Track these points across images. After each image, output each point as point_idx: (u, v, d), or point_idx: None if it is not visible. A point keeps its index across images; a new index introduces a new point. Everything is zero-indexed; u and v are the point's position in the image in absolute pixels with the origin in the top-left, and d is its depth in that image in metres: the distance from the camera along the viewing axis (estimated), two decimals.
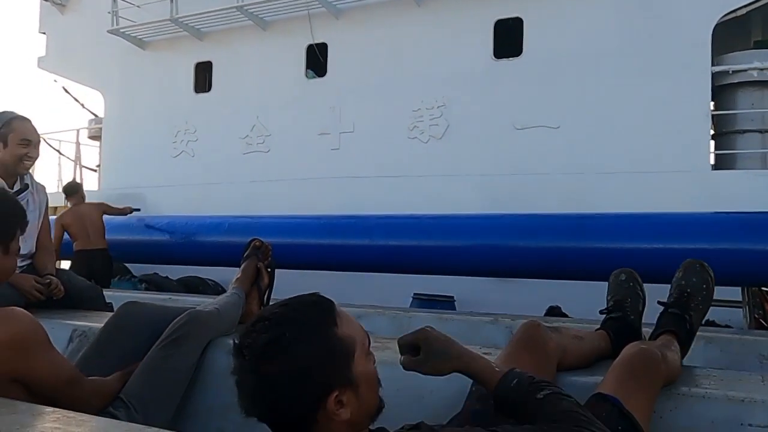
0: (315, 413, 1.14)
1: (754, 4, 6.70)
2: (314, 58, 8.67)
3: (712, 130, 7.12)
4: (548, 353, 1.64)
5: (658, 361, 1.55)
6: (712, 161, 7.00)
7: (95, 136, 11.25)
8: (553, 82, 7.26)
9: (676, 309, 1.89)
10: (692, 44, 6.71)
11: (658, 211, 5.47)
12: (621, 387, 1.47)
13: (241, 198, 8.42)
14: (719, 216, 5.26)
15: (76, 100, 12.12)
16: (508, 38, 7.62)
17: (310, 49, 8.71)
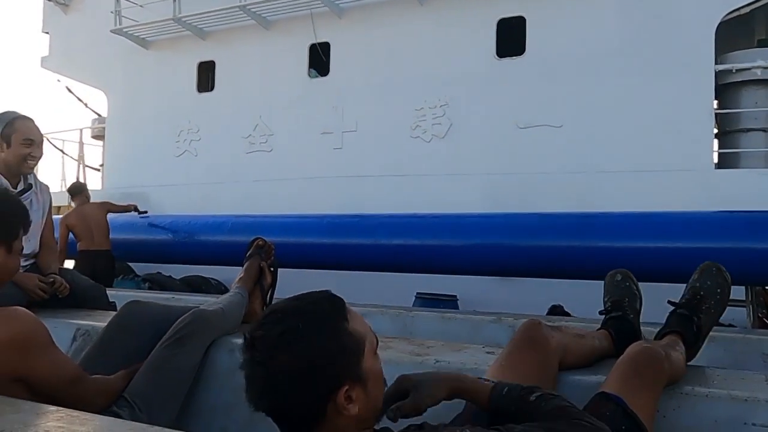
0: (325, 407, 1.14)
1: (758, 2, 6.69)
2: (317, 57, 8.68)
3: (715, 129, 7.11)
4: (549, 352, 1.64)
5: (662, 360, 1.55)
6: (715, 160, 6.99)
7: (98, 135, 11.28)
8: (556, 81, 7.26)
9: (684, 310, 1.88)
10: (695, 43, 6.71)
11: (662, 210, 5.45)
12: (624, 386, 1.47)
13: (244, 197, 8.43)
14: (722, 215, 5.24)
15: (79, 99, 12.19)
16: (511, 37, 7.62)
17: (312, 49, 8.71)
